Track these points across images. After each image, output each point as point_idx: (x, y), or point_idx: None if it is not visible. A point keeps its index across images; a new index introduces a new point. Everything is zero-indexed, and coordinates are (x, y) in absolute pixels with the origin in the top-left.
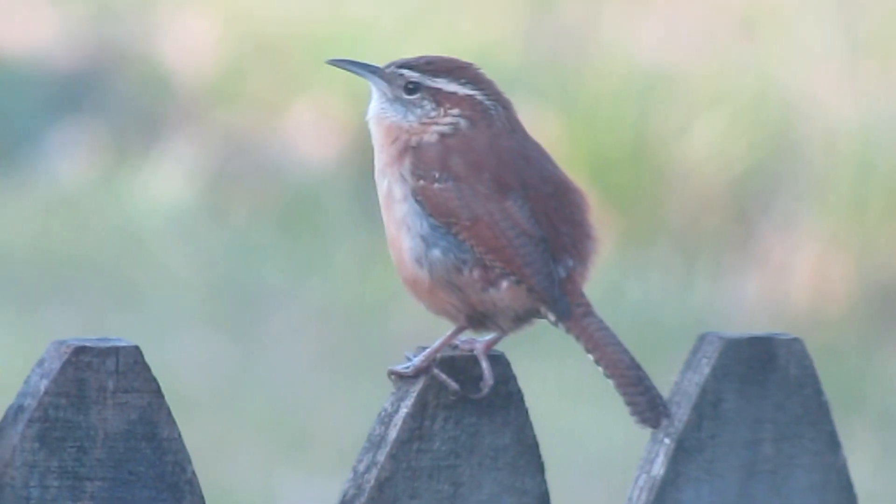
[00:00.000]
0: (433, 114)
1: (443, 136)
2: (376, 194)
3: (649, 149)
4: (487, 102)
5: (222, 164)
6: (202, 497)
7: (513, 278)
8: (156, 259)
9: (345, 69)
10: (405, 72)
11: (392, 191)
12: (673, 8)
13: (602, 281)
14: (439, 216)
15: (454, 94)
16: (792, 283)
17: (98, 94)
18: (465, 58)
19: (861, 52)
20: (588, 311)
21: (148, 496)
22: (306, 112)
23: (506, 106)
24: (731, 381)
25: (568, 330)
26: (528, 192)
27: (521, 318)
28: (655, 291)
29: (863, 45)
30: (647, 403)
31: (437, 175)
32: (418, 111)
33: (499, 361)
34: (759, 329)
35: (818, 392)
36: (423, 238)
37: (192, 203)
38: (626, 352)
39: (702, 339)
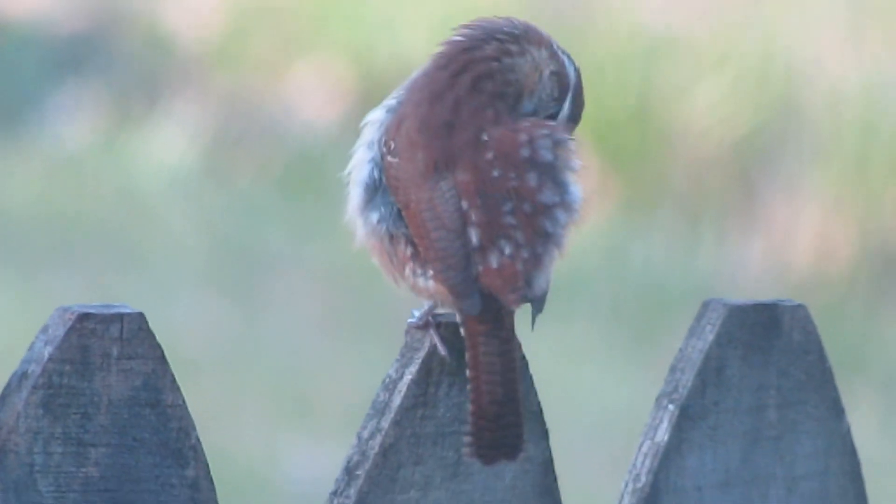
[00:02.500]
0: None
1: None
2: None
3: (652, 111)
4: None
5: (225, 126)
6: (206, 463)
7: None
8: (158, 221)
9: None
10: None
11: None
12: None
13: (604, 245)
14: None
15: None
16: (795, 245)
17: (100, 57)
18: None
19: (865, 15)
20: (501, 327)
21: (152, 462)
22: (309, 74)
23: (440, 62)
24: (735, 347)
25: (463, 332)
26: (464, 174)
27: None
28: (659, 255)
29: (867, 8)
30: (490, 440)
31: (392, 146)
32: None
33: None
34: (763, 292)
35: (822, 359)
36: (368, 191)
37: (195, 165)
38: (504, 384)
39: (706, 305)
